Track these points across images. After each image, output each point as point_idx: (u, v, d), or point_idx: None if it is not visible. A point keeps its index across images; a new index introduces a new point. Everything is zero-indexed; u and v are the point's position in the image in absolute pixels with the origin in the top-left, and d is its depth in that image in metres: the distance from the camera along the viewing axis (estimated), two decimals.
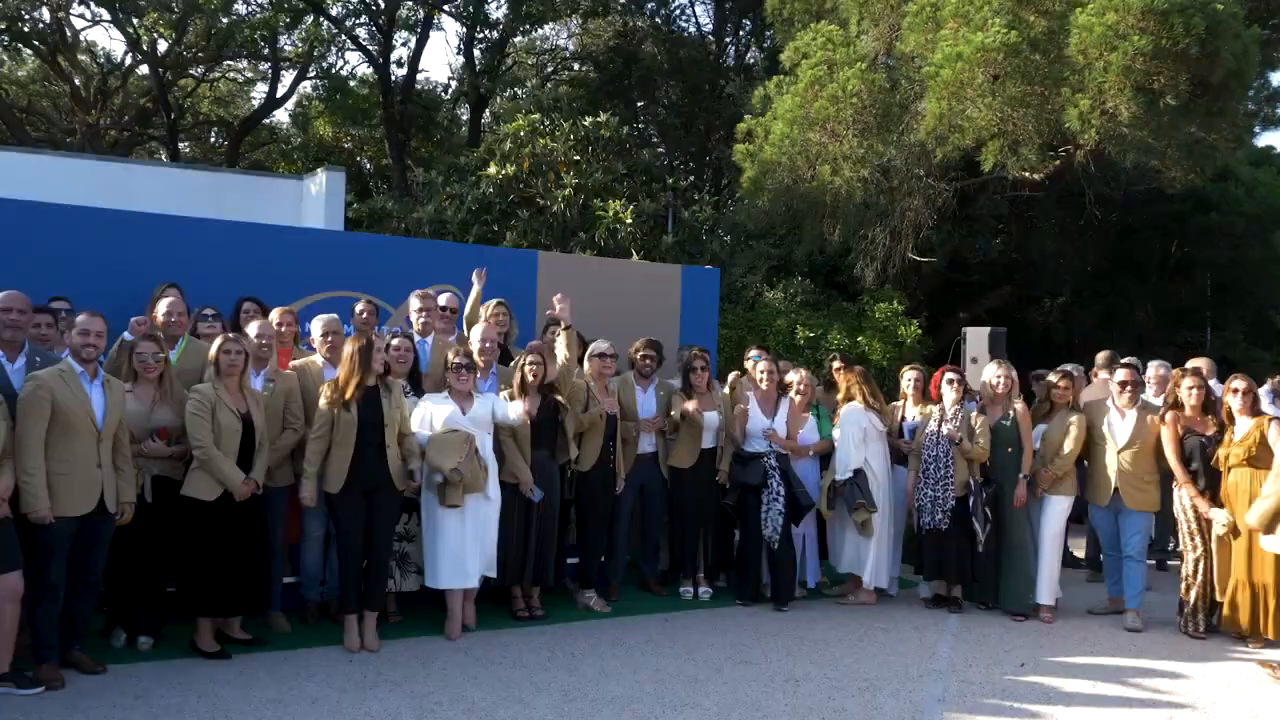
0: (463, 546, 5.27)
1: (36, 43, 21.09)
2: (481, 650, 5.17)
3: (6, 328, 4.48)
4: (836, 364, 7.08)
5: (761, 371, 6.44)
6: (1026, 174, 10.25)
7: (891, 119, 10.60)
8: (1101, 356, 7.77)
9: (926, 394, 6.62)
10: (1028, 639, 5.76)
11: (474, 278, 6.20)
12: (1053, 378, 6.42)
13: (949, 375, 6.44)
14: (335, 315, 5.60)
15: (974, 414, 6.31)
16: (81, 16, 20.73)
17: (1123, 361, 6.68)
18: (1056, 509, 6.22)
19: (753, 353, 6.96)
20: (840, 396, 6.58)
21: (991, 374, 6.45)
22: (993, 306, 14.12)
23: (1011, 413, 6.27)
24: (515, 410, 5.48)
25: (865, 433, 6.36)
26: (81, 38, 22.10)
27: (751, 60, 18.74)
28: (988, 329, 8.41)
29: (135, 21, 19.29)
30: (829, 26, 11.25)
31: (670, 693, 4.63)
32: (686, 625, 5.83)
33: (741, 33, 19.89)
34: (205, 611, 4.86)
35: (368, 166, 22.49)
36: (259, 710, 4.20)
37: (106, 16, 19.74)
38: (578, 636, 5.50)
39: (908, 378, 6.68)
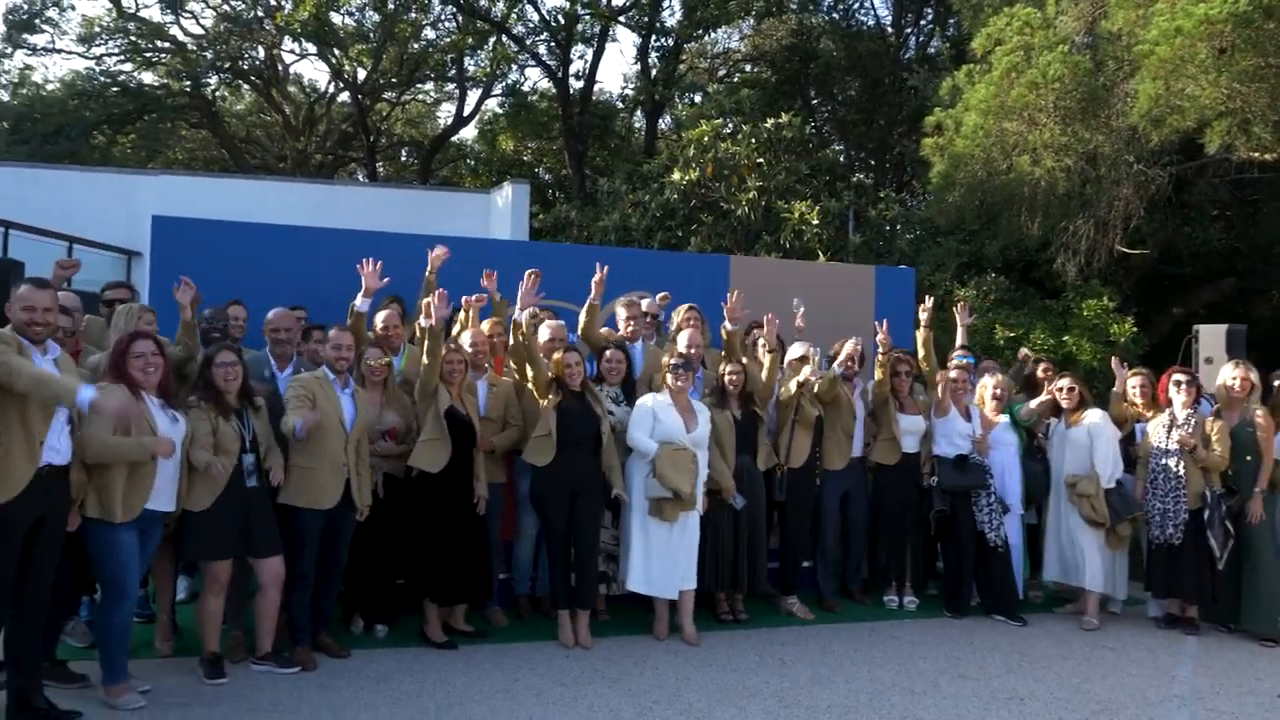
0: (669, 555, 5.33)
1: (253, 78, 23.28)
2: (691, 652, 5.22)
3: (277, 343, 5.29)
4: (1042, 367, 6.89)
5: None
6: (1257, 154, 9.33)
7: (1097, 103, 9.92)
8: None
9: (1155, 399, 6.16)
10: None
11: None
12: None
13: (1177, 377, 6.00)
14: (562, 322, 5.82)
15: (1209, 419, 5.81)
16: (291, 51, 22.74)
17: None
18: None
19: (959, 354, 6.74)
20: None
21: (1228, 375, 5.94)
22: (1211, 301, 12.95)
23: (1253, 418, 5.74)
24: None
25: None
26: (291, 71, 24.22)
27: (934, 50, 18.05)
28: (1225, 326, 7.71)
29: (337, 52, 20.87)
30: (1025, 9, 10.66)
31: (886, 704, 4.52)
32: (895, 635, 5.68)
33: (923, 23, 19.20)
34: (433, 596, 5.17)
35: (546, 177, 23.30)
36: (489, 699, 4.42)
37: (313, 50, 21.48)
38: (785, 642, 5.47)
39: (1133, 383, 6.23)
